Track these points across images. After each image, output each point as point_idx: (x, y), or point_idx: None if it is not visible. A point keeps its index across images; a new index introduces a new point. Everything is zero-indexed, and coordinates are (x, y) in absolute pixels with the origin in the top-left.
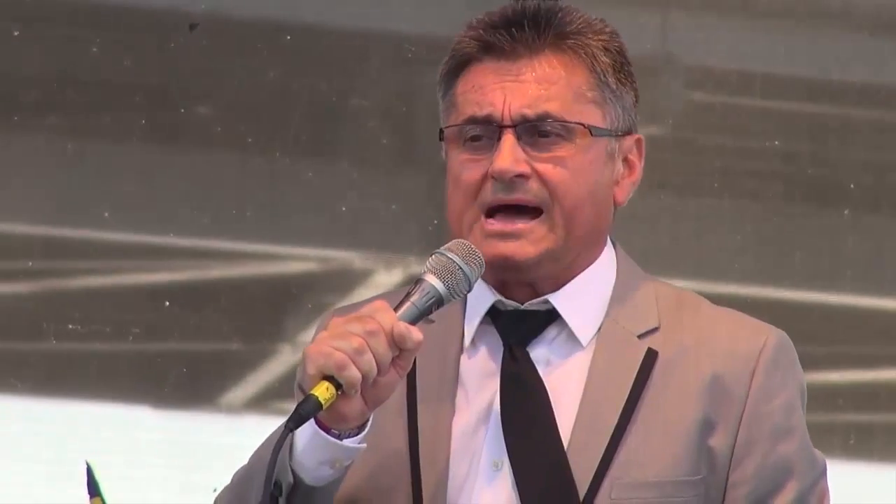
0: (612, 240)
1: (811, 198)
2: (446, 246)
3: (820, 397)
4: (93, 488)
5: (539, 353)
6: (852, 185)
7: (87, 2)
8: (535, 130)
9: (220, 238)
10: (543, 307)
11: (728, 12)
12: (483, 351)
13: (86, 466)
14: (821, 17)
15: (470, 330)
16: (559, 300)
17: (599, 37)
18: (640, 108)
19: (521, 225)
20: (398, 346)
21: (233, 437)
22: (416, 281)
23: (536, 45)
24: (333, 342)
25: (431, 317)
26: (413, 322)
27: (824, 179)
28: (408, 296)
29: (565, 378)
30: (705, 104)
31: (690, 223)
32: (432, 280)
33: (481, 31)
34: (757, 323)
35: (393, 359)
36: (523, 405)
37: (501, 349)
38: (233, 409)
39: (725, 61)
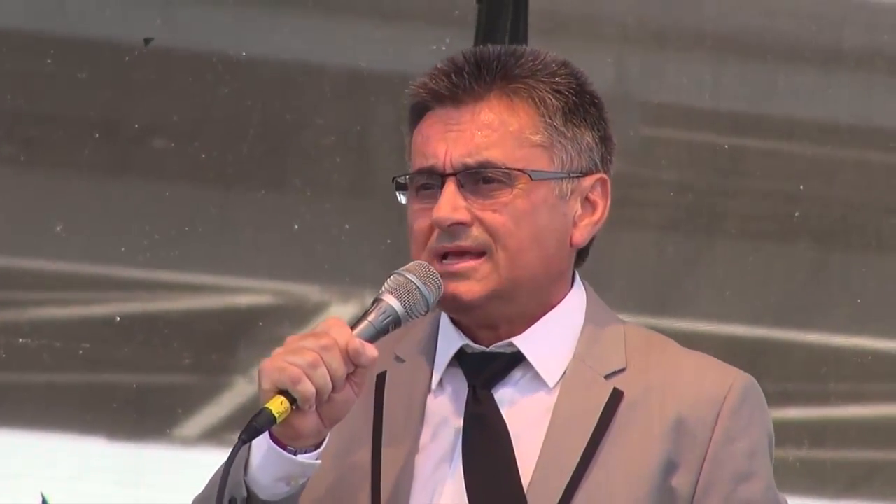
0: (582, 281)
1: (768, 235)
2: (405, 267)
3: None
4: None
5: (504, 394)
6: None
7: (39, 30)
8: (477, 177)
9: (173, 269)
10: (508, 349)
11: (682, 49)
12: (449, 392)
13: (41, 498)
14: (773, 51)
15: (438, 372)
16: (523, 342)
17: (552, 79)
18: None
19: (465, 264)
20: (353, 361)
21: (185, 470)
22: (375, 300)
23: (480, 91)
24: (287, 357)
25: (402, 356)
26: (370, 341)
27: (780, 216)
28: (365, 314)
29: (529, 419)
30: (661, 140)
31: (645, 259)
32: (390, 300)
33: (429, 80)
34: (725, 367)
35: (348, 375)
36: (484, 446)
37: (466, 391)
38: (185, 442)
39: (680, 97)
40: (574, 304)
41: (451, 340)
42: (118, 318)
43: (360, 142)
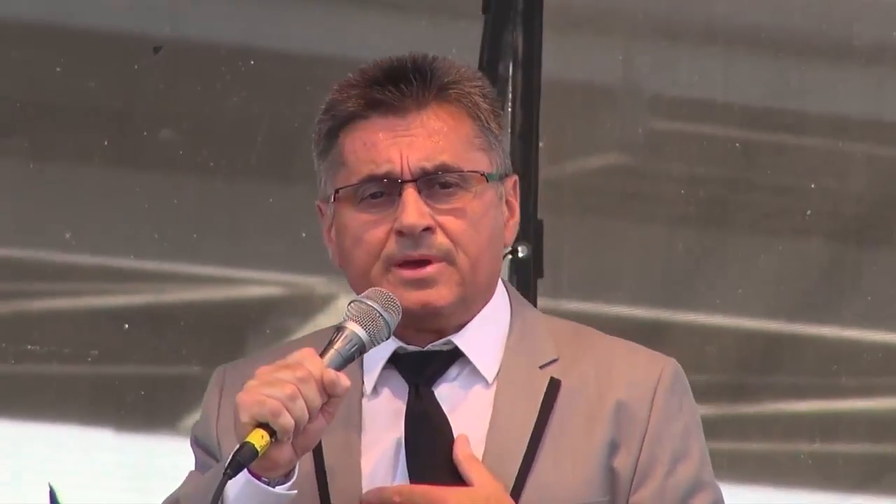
0: (500, 278)
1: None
2: (364, 294)
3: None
4: None
5: (443, 391)
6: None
7: (50, 23)
8: (434, 183)
9: (180, 261)
10: (445, 347)
11: (691, 41)
12: (386, 394)
13: (49, 489)
14: (784, 47)
15: (371, 376)
16: (460, 339)
17: (475, 83)
18: (604, 135)
19: (431, 269)
20: (328, 392)
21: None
22: (338, 328)
23: (422, 98)
24: (265, 390)
25: None
26: (338, 370)
27: (793, 210)
28: (331, 343)
29: (471, 414)
30: (669, 133)
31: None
32: (354, 328)
33: (364, 89)
34: (650, 352)
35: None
36: (428, 443)
37: (405, 391)
38: None
39: (690, 91)
40: (500, 300)
41: (380, 345)
42: (128, 309)
43: None
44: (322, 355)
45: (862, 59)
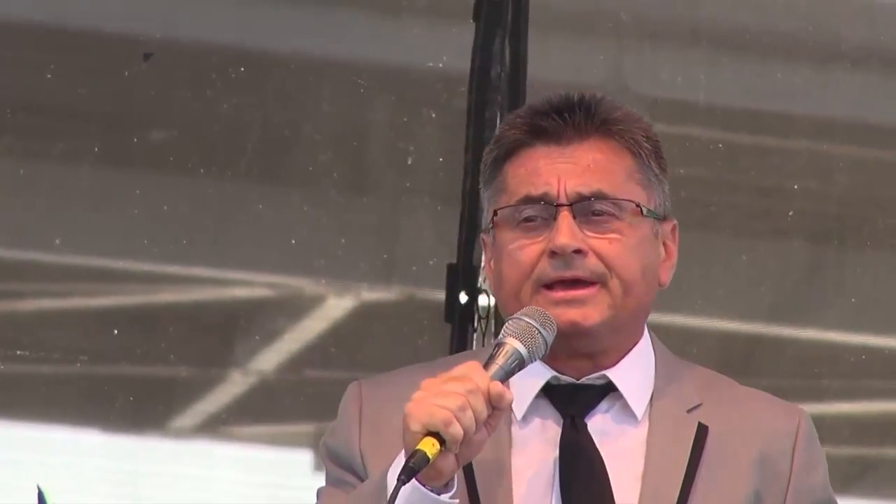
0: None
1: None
2: (521, 312)
3: None
4: None
5: (595, 424)
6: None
7: (43, 26)
8: (588, 210)
9: (170, 263)
10: (598, 381)
11: (682, 43)
12: (537, 423)
13: (38, 492)
14: (774, 48)
15: (522, 404)
16: (615, 374)
17: (639, 125)
18: None
19: (582, 291)
20: (493, 404)
21: (181, 463)
22: (497, 345)
23: (585, 129)
24: (436, 400)
25: None
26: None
27: (775, 212)
28: (492, 358)
29: (622, 449)
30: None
31: None
32: (514, 343)
33: (530, 119)
34: (784, 402)
35: None
36: (582, 475)
37: (557, 421)
38: (181, 435)
39: (679, 93)
40: (647, 341)
41: (533, 373)
42: (118, 310)
43: (358, 137)
44: (485, 369)
45: (847, 63)
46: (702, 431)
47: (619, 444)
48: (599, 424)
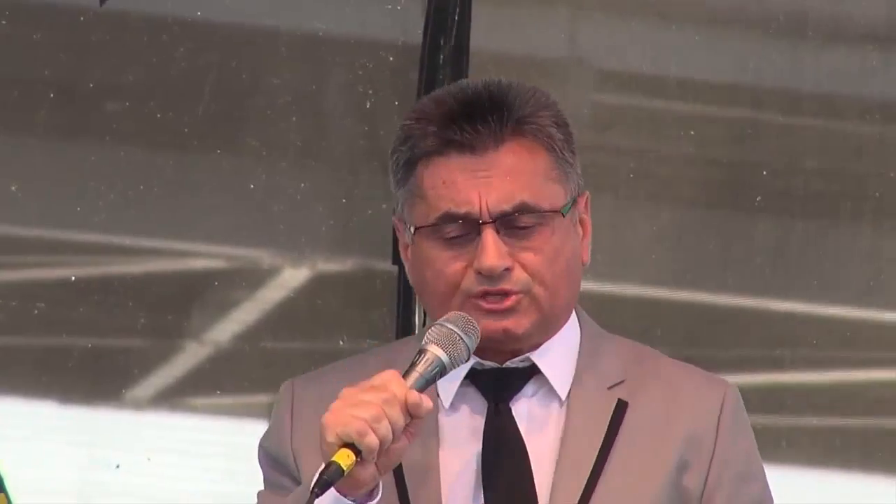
0: None
1: (721, 202)
2: (444, 318)
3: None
4: None
5: (520, 408)
6: (761, 188)
7: None
8: (512, 224)
9: (125, 234)
10: (522, 364)
11: (638, 13)
12: (465, 410)
13: None
14: (735, 19)
15: (448, 392)
16: (538, 357)
17: (549, 111)
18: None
19: (510, 302)
20: (411, 413)
21: (136, 433)
22: (420, 352)
23: (499, 135)
24: (352, 410)
25: None
26: (420, 391)
27: (737, 182)
28: (413, 366)
29: (544, 432)
30: (614, 107)
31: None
32: (436, 350)
33: (441, 128)
34: (710, 375)
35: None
36: (504, 465)
37: (483, 407)
38: (137, 405)
39: (634, 64)
40: (574, 320)
41: None
42: (73, 280)
43: (316, 103)
44: (405, 377)
45: (818, 37)
46: (621, 407)
47: (543, 427)
48: (525, 408)
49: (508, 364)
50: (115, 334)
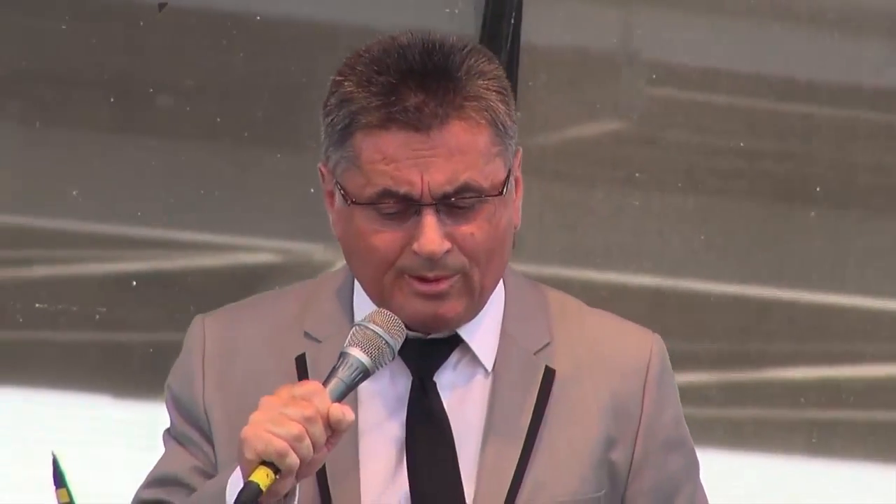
0: None
1: (776, 197)
2: (367, 317)
3: (783, 395)
4: (58, 480)
5: (445, 380)
6: (817, 185)
7: None
8: (453, 205)
9: (184, 228)
10: (445, 335)
11: (693, 9)
12: (387, 381)
13: (52, 458)
14: (788, 16)
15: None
16: (463, 329)
17: (489, 81)
18: (604, 103)
19: (444, 285)
20: (332, 428)
21: None
22: (341, 355)
23: (443, 113)
24: (272, 428)
25: (315, 335)
26: (342, 398)
27: (789, 178)
28: (334, 371)
29: (469, 405)
30: (669, 101)
31: (654, 220)
32: (357, 354)
33: (382, 103)
34: (635, 328)
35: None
36: (427, 445)
37: (407, 378)
38: None
39: (689, 58)
40: (500, 284)
41: None
42: (133, 279)
43: None
44: (325, 383)
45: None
46: (549, 375)
47: (467, 398)
48: (449, 380)
49: (433, 335)
50: (173, 329)
